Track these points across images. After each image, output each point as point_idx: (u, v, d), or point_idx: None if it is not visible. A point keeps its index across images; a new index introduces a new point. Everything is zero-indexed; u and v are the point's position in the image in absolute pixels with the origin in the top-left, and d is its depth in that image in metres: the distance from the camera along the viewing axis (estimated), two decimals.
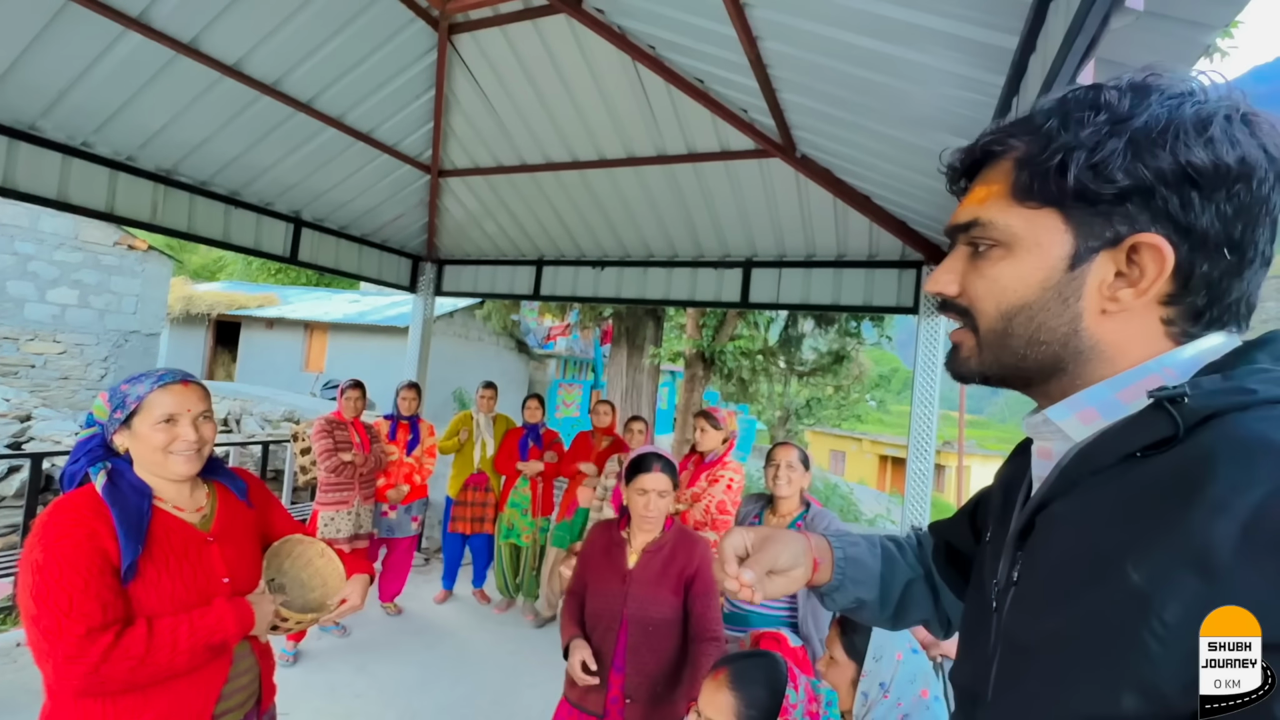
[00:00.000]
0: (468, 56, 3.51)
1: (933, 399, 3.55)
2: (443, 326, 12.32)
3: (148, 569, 1.20)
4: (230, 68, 3.05)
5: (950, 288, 0.56)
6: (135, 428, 1.23)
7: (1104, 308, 0.49)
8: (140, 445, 1.24)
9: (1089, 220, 0.48)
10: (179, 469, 1.25)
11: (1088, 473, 0.47)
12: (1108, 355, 0.50)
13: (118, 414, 1.24)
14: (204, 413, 1.30)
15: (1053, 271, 0.50)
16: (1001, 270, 0.52)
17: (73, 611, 1.09)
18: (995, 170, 0.54)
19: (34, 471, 3.72)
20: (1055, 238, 0.49)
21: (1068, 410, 0.51)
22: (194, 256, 21.46)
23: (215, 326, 14.63)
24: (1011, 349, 0.53)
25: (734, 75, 2.73)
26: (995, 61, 1.64)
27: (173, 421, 1.24)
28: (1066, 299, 0.49)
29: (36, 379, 8.72)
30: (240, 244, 4.07)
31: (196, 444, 1.27)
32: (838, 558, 0.79)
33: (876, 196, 3.35)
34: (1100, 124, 0.47)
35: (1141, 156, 0.45)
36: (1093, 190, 0.47)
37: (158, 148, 3.41)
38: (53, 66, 2.77)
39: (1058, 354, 0.51)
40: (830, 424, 17.41)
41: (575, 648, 1.68)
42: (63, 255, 8.97)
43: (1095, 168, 0.46)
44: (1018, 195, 0.51)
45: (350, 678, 3.16)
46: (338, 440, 3.55)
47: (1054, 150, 0.48)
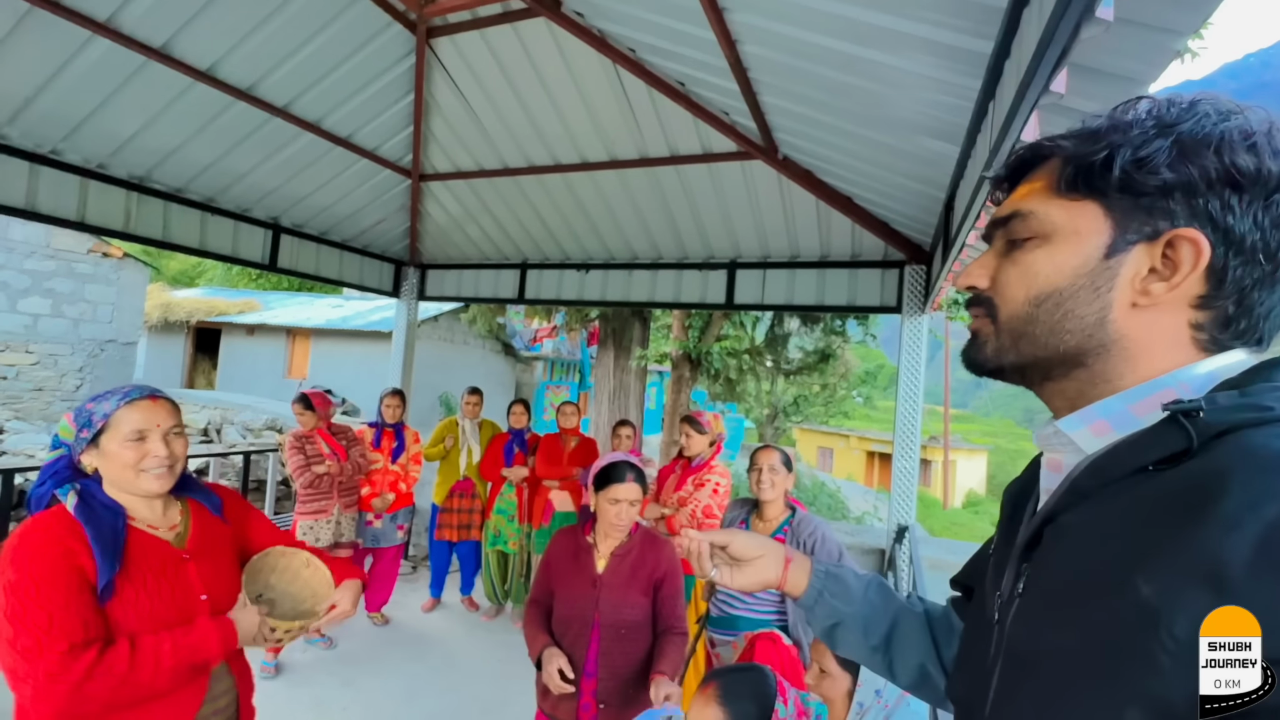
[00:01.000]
0: (447, 60, 3.47)
1: (917, 397, 3.58)
2: (428, 330, 12.22)
3: (125, 588, 1.17)
4: (203, 73, 2.99)
5: (982, 281, 0.57)
6: (104, 446, 1.20)
7: (1135, 300, 0.49)
8: (110, 464, 1.21)
9: (1130, 212, 0.49)
10: (150, 486, 1.22)
11: (1099, 485, 0.47)
12: (1131, 353, 0.50)
13: (84, 433, 1.21)
14: (174, 428, 1.27)
15: (1088, 259, 0.50)
16: (1037, 257, 0.53)
17: (53, 629, 1.06)
18: (1040, 170, 0.55)
19: (5, 487, 3.63)
20: (1094, 226, 0.50)
21: (1080, 422, 0.51)
22: (172, 262, 21.09)
23: (195, 334, 14.40)
24: (1033, 336, 0.53)
25: (714, 78, 2.73)
26: (971, 66, 1.65)
27: (142, 438, 1.21)
28: (1098, 287, 0.50)
29: (9, 391, 8.52)
30: (218, 251, 4.00)
31: (168, 460, 1.24)
32: (817, 570, 0.81)
33: (858, 198, 3.37)
34: (1148, 126, 0.49)
35: (1187, 155, 0.47)
36: (1137, 182, 0.48)
37: (129, 155, 3.34)
38: (18, 73, 2.70)
39: (1081, 345, 0.51)
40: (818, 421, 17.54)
41: (549, 657, 1.65)
42: (34, 264, 8.78)
43: (1140, 161, 0.48)
44: (1061, 188, 0.52)
45: (336, 691, 3.12)
46: (309, 455, 3.51)
47: (1101, 146, 0.50)
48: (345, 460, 3.63)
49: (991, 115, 1.58)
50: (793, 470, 2.22)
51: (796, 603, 0.82)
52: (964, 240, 2.10)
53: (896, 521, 3.59)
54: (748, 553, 0.82)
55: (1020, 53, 1.23)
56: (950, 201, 2.53)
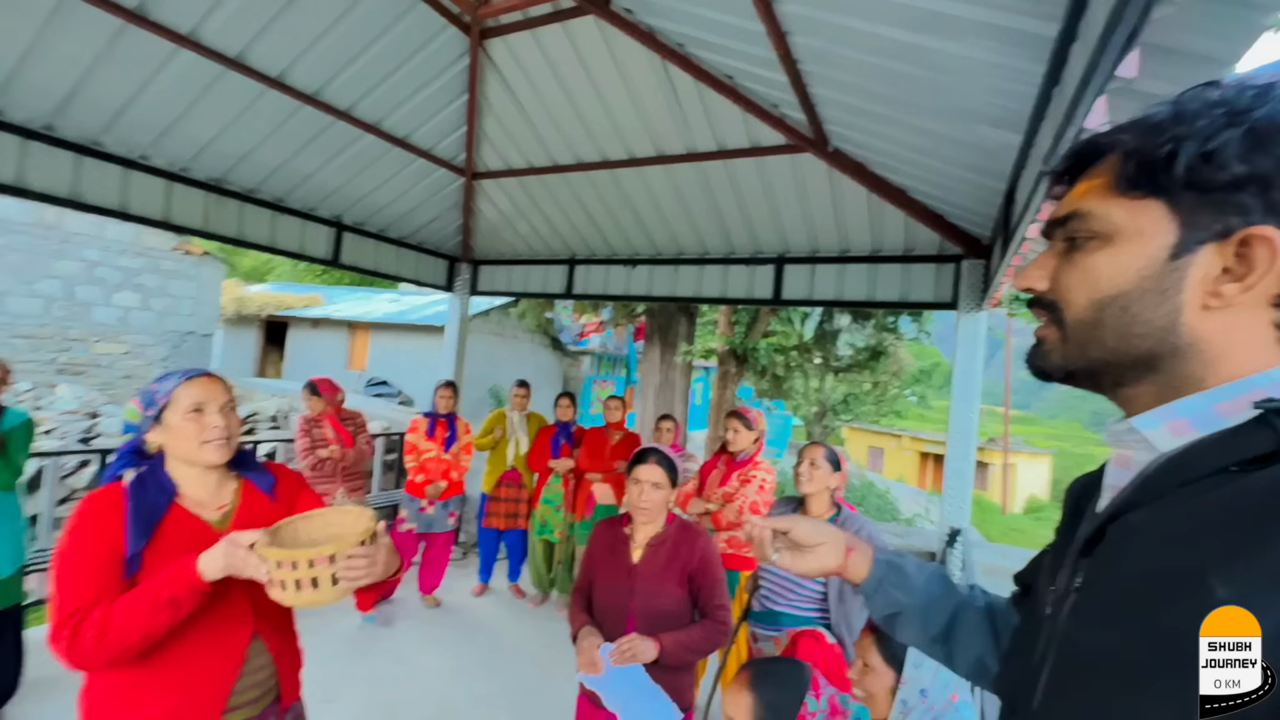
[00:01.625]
0: (499, 60, 3.56)
1: (973, 396, 3.44)
2: (479, 324, 12.56)
3: (152, 562, 1.23)
4: (274, 80, 3.17)
5: (1041, 283, 0.55)
6: (167, 421, 1.29)
7: (1206, 303, 0.47)
8: (173, 437, 1.29)
9: (1197, 210, 0.46)
10: (211, 457, 1.30)
11: (1176, 484, 0.45)
12: (1208, 355, 0.47)
13: (149, 411, 1.30)
14: (228, 403, 1.35)
15: (1152, 261, 0.48)
16: (1098, 260, 0.51)
17: (70, 593, 1.16)
18: (1100, 166, 0.53)
19: (103, 465, 3.96)
20: (1159, 227, 0.48)
21: (1158, 420, 0.49)
22: (244, 259, 22.41)
23: (265, 326, 15.26)
24: (1100, 341, 0.51)
25: (764, 71, 2.70)
26: (1035, 50, 1.58)
27: (200, 411, 1.29)
28: (1165, 290, 0.47)
29: (103, 378, 9.26)
30: (286, 248, 4.23)
31: (224, 432, 1.32)
32: (879, 559, 0.81)
33: (913, 190, 3.27)
34: (1217, 116, 0.46)
35: (1261, 145, 0.44)
36: (1204, 178, 0.45)
37: (209, 158, 3.57)
38: (113, 85, 2.93)
39: (1153, 350, 0.49)
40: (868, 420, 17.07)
41: (585, 634, 1.74)
42: (126, 261, 9.50)
43: (1208, 156, 0.45)
44: (1122, 186, 0.50)
45: (390, 668, 3.27)
46: (314, 438, 3.70)
47: (1164, 140, 0.47)
48: (350, 446, 3.77)
49: (1056, 102, 1.51)
50: (841, 470, 2.18)
51: (856, 590, 0.82)
52: (1025, 233, 2.01)
53: (949, 524, 3.47)
54: (809, 539, 0.82)
55: (1088, 35, 1.17)
56: (1011, 193, 2.42)
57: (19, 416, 2.51)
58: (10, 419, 2.47)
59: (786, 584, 2.15)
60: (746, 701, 1.06)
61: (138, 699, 1.24)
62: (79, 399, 7.33)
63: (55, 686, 2.78)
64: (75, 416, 6.81)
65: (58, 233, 8.81)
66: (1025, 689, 0.54)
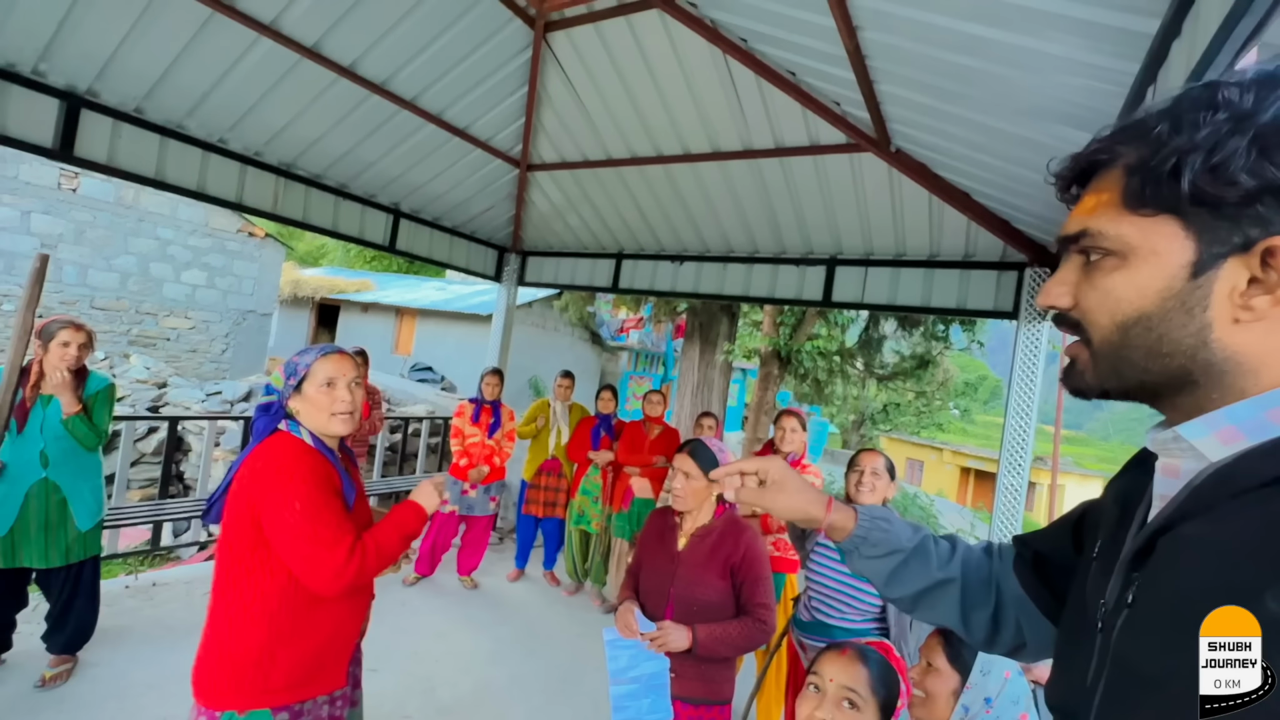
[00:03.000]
0: (561, 53, 3.60)
1: (1030, 411, 3.31)
2: (521, 316, 12.76)
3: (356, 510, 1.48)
4: (346, 69, 3.29)
5: (1062, 300, 0.54)
6: (305, 391, 1.42)
7: (1237, 317, 0.45)
8: (308, 406, 1.42)
9: (1212, 225, 0.44)
10: (337, 428, 1.43)
11: (1226, 495, 0.44)
12: (1249, 368, 0.45)
13: (291, 381, 1.43)
14: (355, 379, 1.47)
15: (1173, 280, 0.46)
16: (1115, 281, 0.49)
17: (344, 525, 1.34)
18: (1105, 178, 0.51)
19: (170, 432, 4.19)
20: (1174, 245, 0.46)
21: (1205, 428, 0.47)
22: (300, 243, 23.32)
23: (318, 309, 15.85)
24: (1130, 362, 0.50)
25: (829, 67, 2.66)
26: (1128, 48, 1.51)
27: (332, 385, 1.42)
28: (1191, 309, 0.46)
29: (171, 351, 9.80)
30: (347, 233, 4.39)
31: (350, 406, 1.44)
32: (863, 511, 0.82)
33: (976, 193, 3.16)
34: (1219, 123, 0.43)
35: (1270, 154, 0.42)
36: (1212, 194, 0.43)
37: (280, 144, 3.73)
38: (199, 71, 3.09)
39: (1185, 367, 0.47)
40: (908, 431, 16.63)
41: (626, 605, 1.80)
42: (195, 240, 10.01)
43: (1214, 170, 0.43)
44: (1129, 203, 0.48)
45: (430, 643, 3.37)
46: None
47: (1166, 154, 0.45)
48: (366, 417, 3.86)
49: (1150, 102, 1.44)
50: (895, 479, 2.13)
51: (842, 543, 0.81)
52: None
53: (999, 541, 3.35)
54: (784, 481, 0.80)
55: (1195, 29, 1.11)
56: None
57: (102, 381, 2.68)
58: (94, 383, 2.63)
59: (839, 595, 2.08)
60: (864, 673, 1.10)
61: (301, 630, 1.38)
62: (149, 369, 7.77)
63: (126, 635, 2.97)
64: (145, 386, 7.22)
65: (135, 211, 9.35)
66: (1081, 705, 0.52)
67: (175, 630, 3.09)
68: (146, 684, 2.63)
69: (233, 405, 7.01)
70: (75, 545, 2.60)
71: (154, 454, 6.00)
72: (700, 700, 1.70)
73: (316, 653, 1.39)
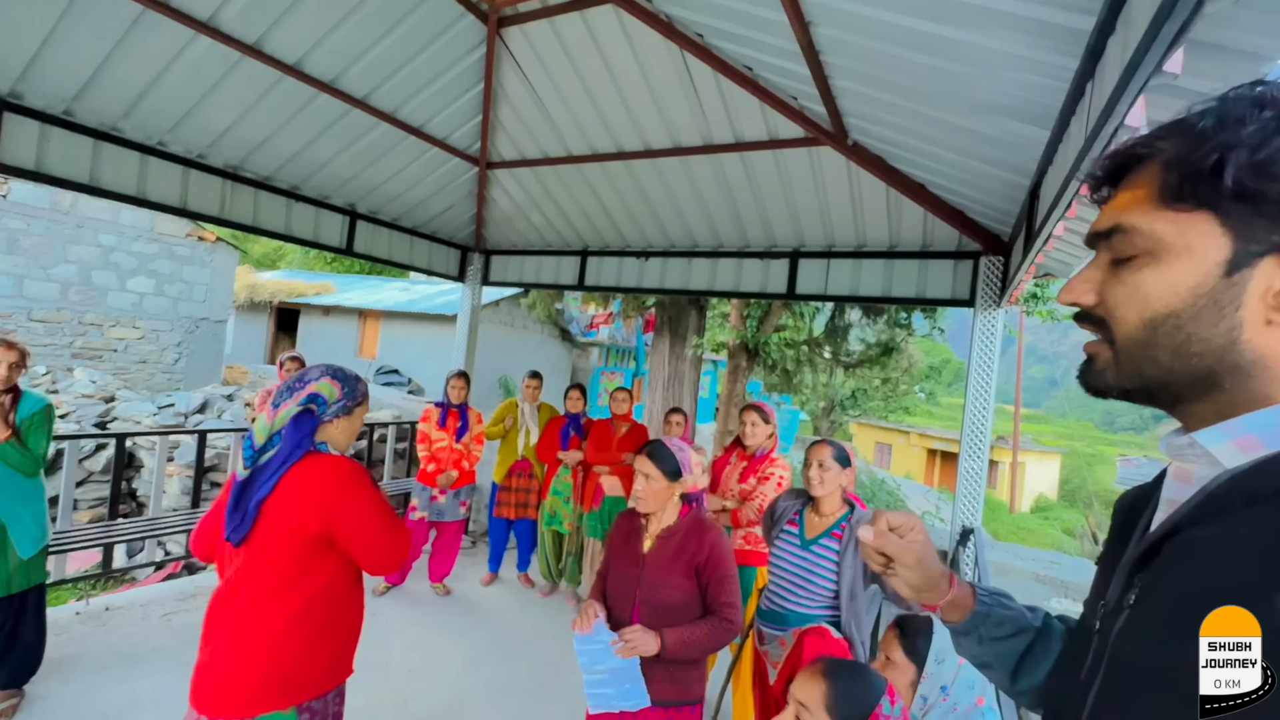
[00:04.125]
0: (516, 49, 3.54)
1: (988, 395, 3.41)
2: (488, 315, 12.58)
3: None
4: (291, 67, 3.17)
5: (1087, 297, 0.53)
6: (355, 414, 1.55)
7: (1270, 318, 0.45)
8: (351, 426, 1.55)
9: (1251, 222, 0.44)
10: (349, 447, 1.59)
11: (1241, 501, 0.44)
12: (1276, 373, 0.45)
13: (349, 402, 1.54)
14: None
15: (1206, 278, 0.46)
16: (1145, 277, 0.48)
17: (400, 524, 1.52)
18: (1141, 174, 0.50)
19: (119, 449, 4.01)
20: (1210, 242, 0.45)
21: (1224, 435, 0.47)
22: (256, 246, 22.52)
23: (276, 313, 15.36)
24: (1156, 361, 0.49)
25: (784, 62, 2.67)
26: (1068, 44, 1.55)
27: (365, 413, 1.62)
28: (1223, 307, 0.45)
29: (118, 362, 9.37)
30: (301, 236, 4.25)
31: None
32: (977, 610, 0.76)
33: (932, 185, 3.23)
34: (1266, 120, 0.43)
35: None
36: (1255, 189, 0.43)
37: (225, 145, 3.58)
38: (131, 71, 2.94)
39: (1211, 368, 0.47)
40: (877, 416, 16.98)
41: (588, 605, 1.80)
42: (141, 246, 9.57)
43: (1258, 165, 0.43)
44: (1166, 198, 0.47)
45: (403, 654, 3.31)
46: None
47: (1209, 149, 0.44)
48: None
49: (1090, 97, 1.48)
50: (850, 466, 2.16)
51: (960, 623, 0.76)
52: (1051, 231, 1.98)
53: (961, 523, 3.45)
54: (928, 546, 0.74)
55: (1128, 29, 1.14)
56: (1036, 189, 2.39)
57: (38, 402, 2.52)
58: (28, 404, 2.49)
59: (796, 580, 2.12)
60: (821, 689, 1.06)
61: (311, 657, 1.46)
62: (94, 383, 7.42)
63: (78, 664, 2.84)
64: (91, 400, 6.89)
65: (73, 217, 8.89)
66: (1073, 704, 0.53)
67: (131, 656, 2.97)
68: (101, 715, 2.51)
69: (187, 418, 6.75)
70: (17, 574, 2.47)
71: (102, 472, 5.74)
72: (671, 702, 1.71)
73: (345, 641, 1.54)
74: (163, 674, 2.83)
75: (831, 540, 2.09)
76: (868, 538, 0.74)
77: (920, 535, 0.75)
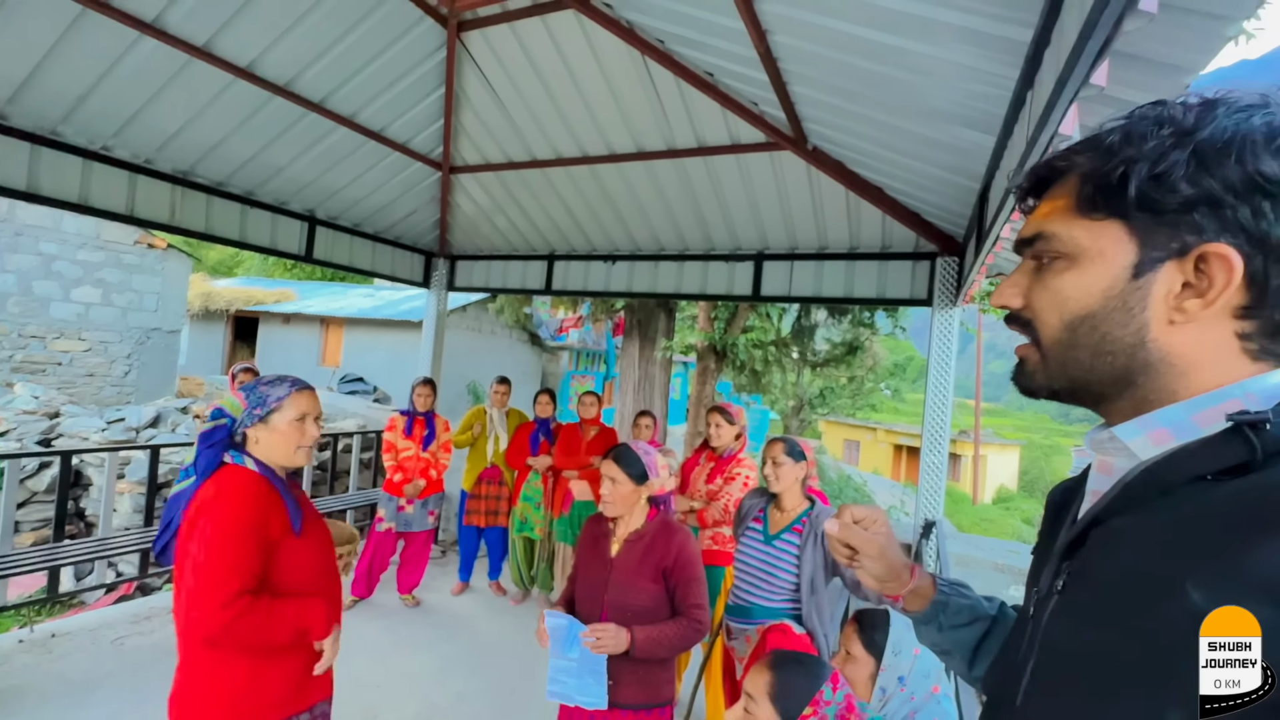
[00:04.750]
0: (477, 53, 3.51)
1: (947, 391, 3.52)
2: (456, 320, 12.40)
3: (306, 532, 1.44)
4: (244, 70, 3.08)
5: (1014, 300, 0.57)
6: (273, 423, 1.43)
7: (1172, 318, 0.48)
8: (274, 437, 1.43)
9: (1154, 230, 0.48)
10: (300, 460, 1.46)
11: (1155, 492, 0.47)
12: (1179, 368, 0.48)
13: (257, 410, 1.43)
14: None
15: (1116, 280, 0.49)
16: (1064, 281, 0.52)
17: (239, 569, 1.29)
18: (1060, 187, 0.54)
19: (64, 468, 3.83)
20: (1119, 248, 0.49)
21: (1139, 429, 0.50)
22: (211, 253, 21.77)
23: (234, 322, 14.86)
24: (1077, 360, 0.52)
25: (744, 69, 2.71)
26: (1009, 54, 1.61)
27: (303, 420, 1.46)
28: (1131, 308, 0.49)
29: (63, 376, 8.94)
30: (257, 243, 4.13)
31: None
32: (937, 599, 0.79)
33: (889, 188, 3.32)
34: (1164, 137, 0.47)
35: (1207, 167, 0.45)
36: (1156, 200, 0.47)
37: (175, 150, 3.46)
38: (71, 72, 2.82)
39: (1126, 365, 0.50)
40: (844, 413, 17.33)
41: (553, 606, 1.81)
42: (85, 255, 9.16)
43: (1158, 178, 0.46)
44: (1081, 208, 0.51)
45: (371, 668, 3.23)
46: None
47: (1116, 163, 0.48)
48: None
49: (1030, 105, 1.55)
50: (804, 459, 2.20)
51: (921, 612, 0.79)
52: (999, 233, 2.06)
53: (924, 516, 3.55)
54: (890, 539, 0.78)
55: (1061, 41, 1.20)
56: (985, 192, 2.48)
57: None
58: None
59: (759, 574, 2.16)
60: (766, 679, 1.12)
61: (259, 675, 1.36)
62: (37, 398, 7.06)
63: (22, 696, 2.70)
64: (34, 417, 6.55)
65: (10, 225, 8.46)
66: (1008, 687, 0.55)
67: (81, 684, 2.83)
68: None
69: (138, 433, 6.47)
70: None
71: (47, 492, 5.47)
72: (641, 705, 1.71)
73: (307, 663, 1.44)
74: (115, 701, 2.71)
75: (792, 535, 2.14)
76: (833, 530, 0.77)
77: (883, 528, 0.78)
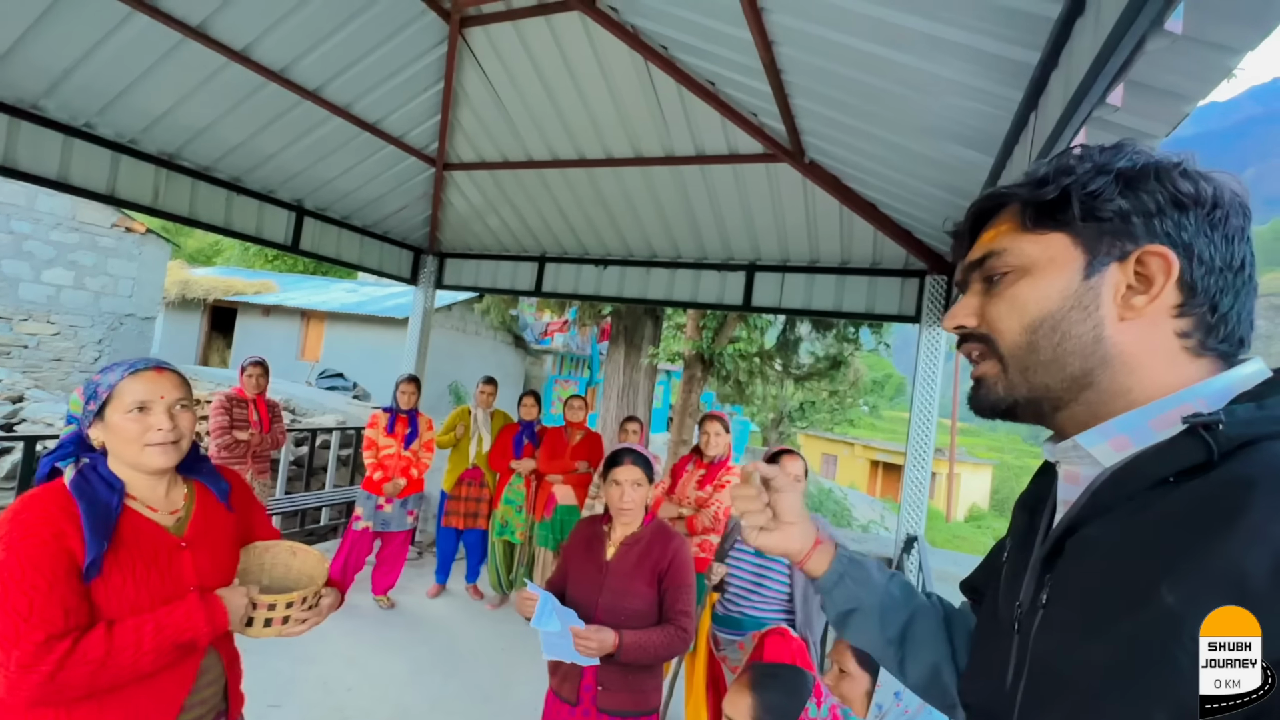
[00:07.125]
0: (478, 50, 3.48)
1: (931, 408, 3.56)
2: (440, 319, 12.27)
3: (112, 571, 1.11)
4: (238, 53, 3.02)
5: (970, 320, 0.59)
6: (108, 418, 1.16)
7: (1122, 315, 0.51)
8: (114, 437, 1.16)
9: (1097, 237, 0.52)
10: (154, 461, 1.17)
11: (1121, 497, 0.48)
12: (1131, 365, 0.51)
13: (90, 405, 1.17)
14: (180, 401, 1.21)
15: (1070, 282, 0.53)
16: (1020, 289, 0.55)
17: (32, 616, 1.01)
18: (1001, 215, 0.59)
19: (27, 454, 3.68)
20: (1068, 254, 0.53)
21: (1100, 437, 0.52)
22: (190, 240, 21.30)
23: (211, 312, 14.53)
24: (1040, 364, 0.54)
25: (746, 79, 2.73)
26: (1013, 76, 1.64)
27: (145, 410, 1.16)
28: (1086, 306, 0.52)
29: (30, 360, 8.64)
30: (242, 231, 4.04)
31: (172, 434, 1.18)
32: (841, 554, 0.79)
33: (882, 204, 3.36)
34: (1089, 169, 0.53)
35: (1133, 186, 0.51)
36: (1096, 210, 0.52)
37: (161, 131, 3.37)
38: (57, 45, 2.73)
39: (1085, 364, 0.52)
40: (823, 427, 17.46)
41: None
42: (59, 235, 8.88)
43: (1091, 195, 0.52)
44: (1028, 225, 0.56)
45: (342, 671, 3.15)
46: (234, 418, 3.68)
47: (1053, 188, 0.54)
48: (267, 432, 3.82)
49: (1033, 127, 1.57)
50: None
51: (815, 583, 0.79)
52: None
53: (906, 531, 3.57)
54: (788, 513, 0.77)
55: (1071, 64, 1.22)
56: None
57: None
58: None
59: (751, 585, 2.15)
60: (747, 702, 1.06)
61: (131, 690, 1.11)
62: (0, 381, 6.81)
63: None
64: None
65: None
66: (1003, 705, 0.55)
67: None
68: None
69: None
70: None
71: (6, 479, 5.25)
72: (627, 712, 1.69)
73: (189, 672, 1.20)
74: None
75: None
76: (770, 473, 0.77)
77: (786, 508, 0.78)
